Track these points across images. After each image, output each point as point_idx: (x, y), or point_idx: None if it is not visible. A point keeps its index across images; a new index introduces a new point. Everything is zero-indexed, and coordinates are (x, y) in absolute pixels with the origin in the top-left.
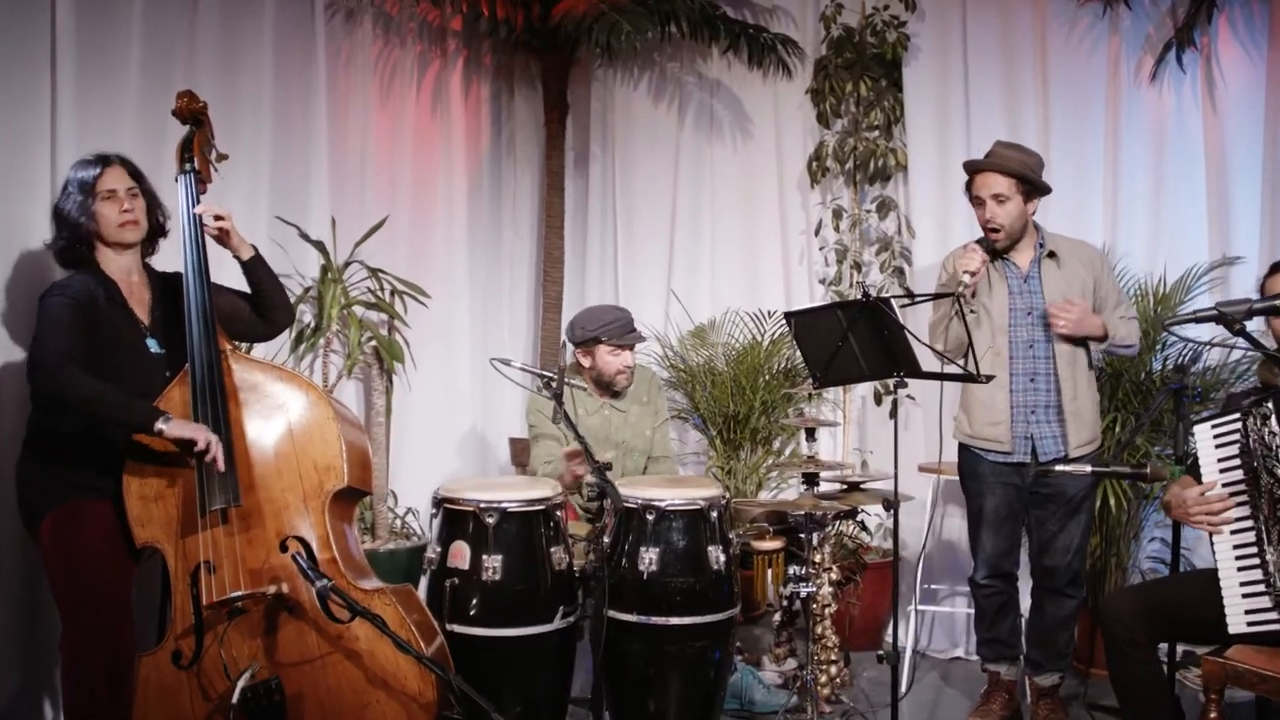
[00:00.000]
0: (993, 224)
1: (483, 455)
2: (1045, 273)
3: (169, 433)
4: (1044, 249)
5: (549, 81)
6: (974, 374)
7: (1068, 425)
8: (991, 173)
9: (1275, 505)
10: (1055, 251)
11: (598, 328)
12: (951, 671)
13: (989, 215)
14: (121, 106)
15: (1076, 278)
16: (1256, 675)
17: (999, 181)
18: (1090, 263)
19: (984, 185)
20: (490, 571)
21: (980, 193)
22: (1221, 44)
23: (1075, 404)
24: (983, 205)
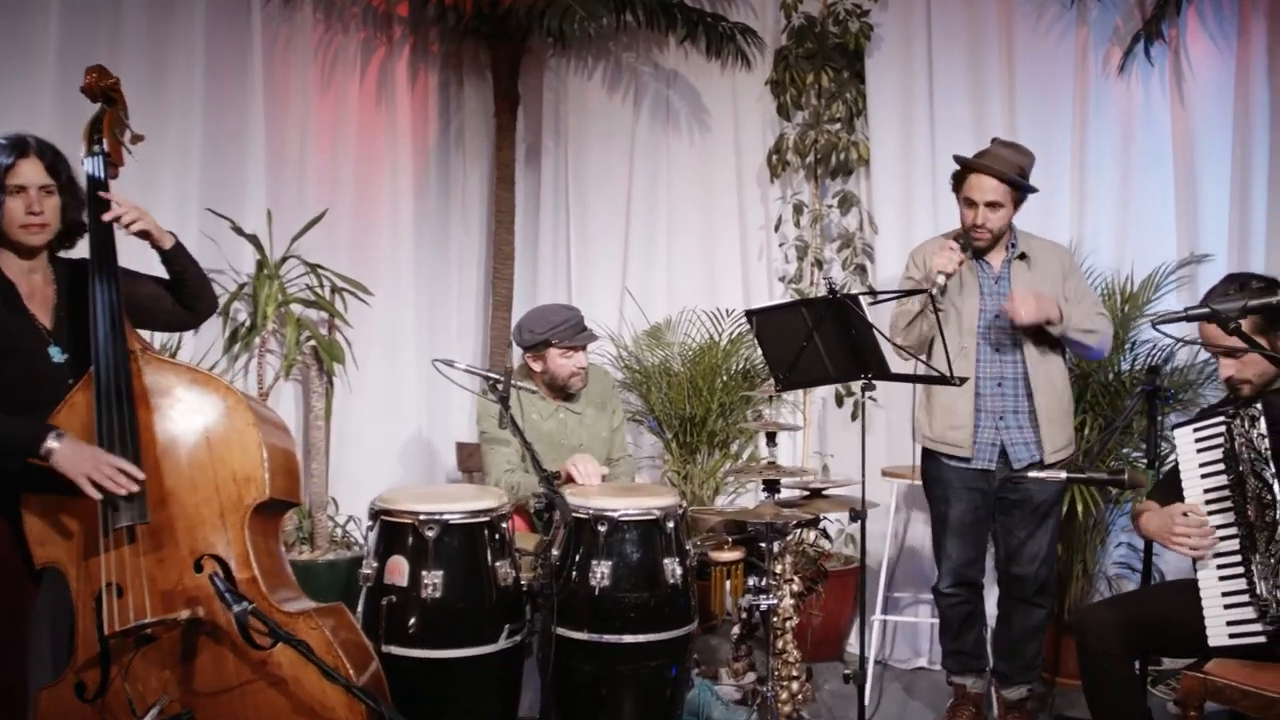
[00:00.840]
0: (984, 229)
1: (429, 460)
2: (1015, 274)
3: (58, 463)
4: (1015, 249)
5: (500, 71)
6: (946, 375)
7: (1042, 431)
8: (989, 177)
9: (1263, 511)
10: (1027, 253)
11: (547, 330)
12: (915, 682)
13: (980, 220)
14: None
15: (1046, 280)
16: (1238, 691)
17: (995, 187)
18: (1060, 264)
19: (979, 188)
20: (430, 588)
21: (974, 195)
22: (1190, 36)
23: (1050, 409)
24: (974, 208)
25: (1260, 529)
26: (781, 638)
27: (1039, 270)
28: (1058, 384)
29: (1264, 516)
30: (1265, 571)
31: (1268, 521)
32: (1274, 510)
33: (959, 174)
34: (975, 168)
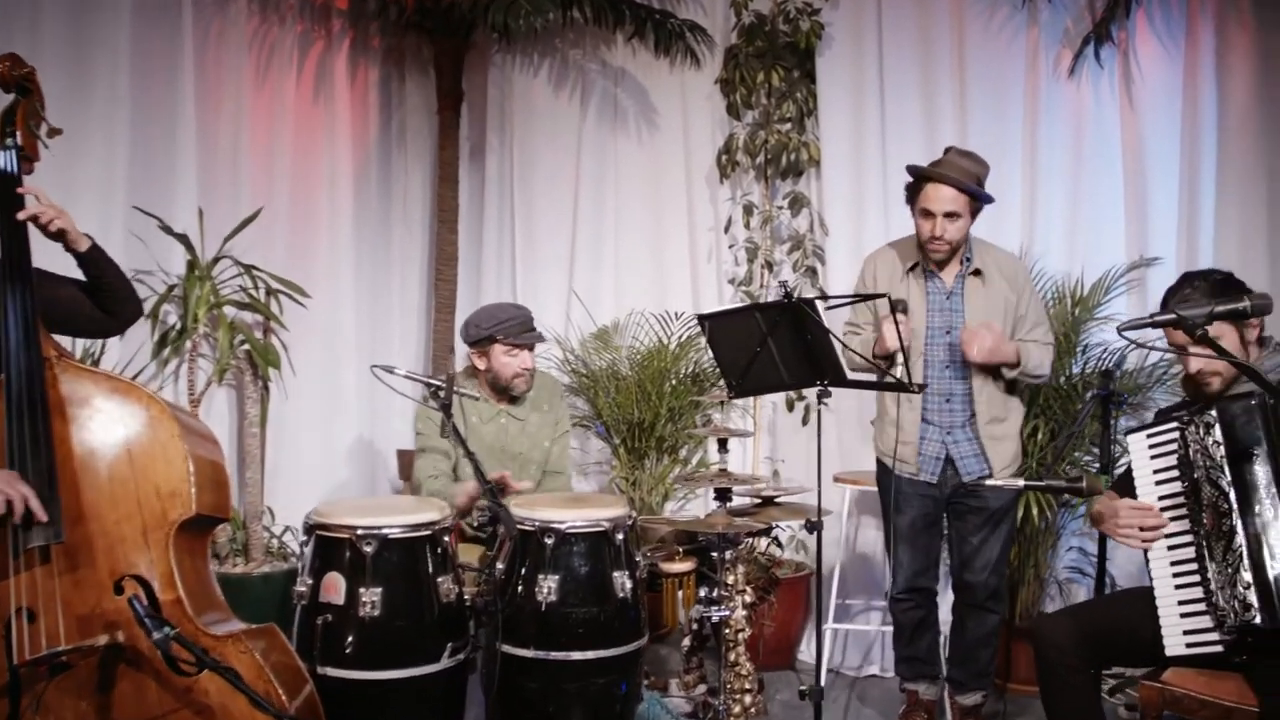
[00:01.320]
0: (942, 240)
1: (370, 468)
2: (969, 291)
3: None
4: (969, 264)
5: (443, 67)
6: (905, 383)
7: (987, 447)
8: (946, 186)
9: (1220, 519)
10: (981, 269)
11: (493, 326)
12: (866, 690)
13: (939, 232)
14: None
15: (1000, 296)
16: (1196, 701)
17: (954, 197)
18: (1014, 280)
19: (937, 199)
20: (369, 606)
21: (932, 206)
22: (1139, 39)
23: (994, 426)
24: (932, 219)
25: (1217, 538)
26: (734, 649)
27: (993, 287)
28: (1001, 402)
29: (1220, 525)
30: (1222, 580)
31: (1224, 530)
32: (1230, 518)
33: (914, 185)
34: (932, 177)
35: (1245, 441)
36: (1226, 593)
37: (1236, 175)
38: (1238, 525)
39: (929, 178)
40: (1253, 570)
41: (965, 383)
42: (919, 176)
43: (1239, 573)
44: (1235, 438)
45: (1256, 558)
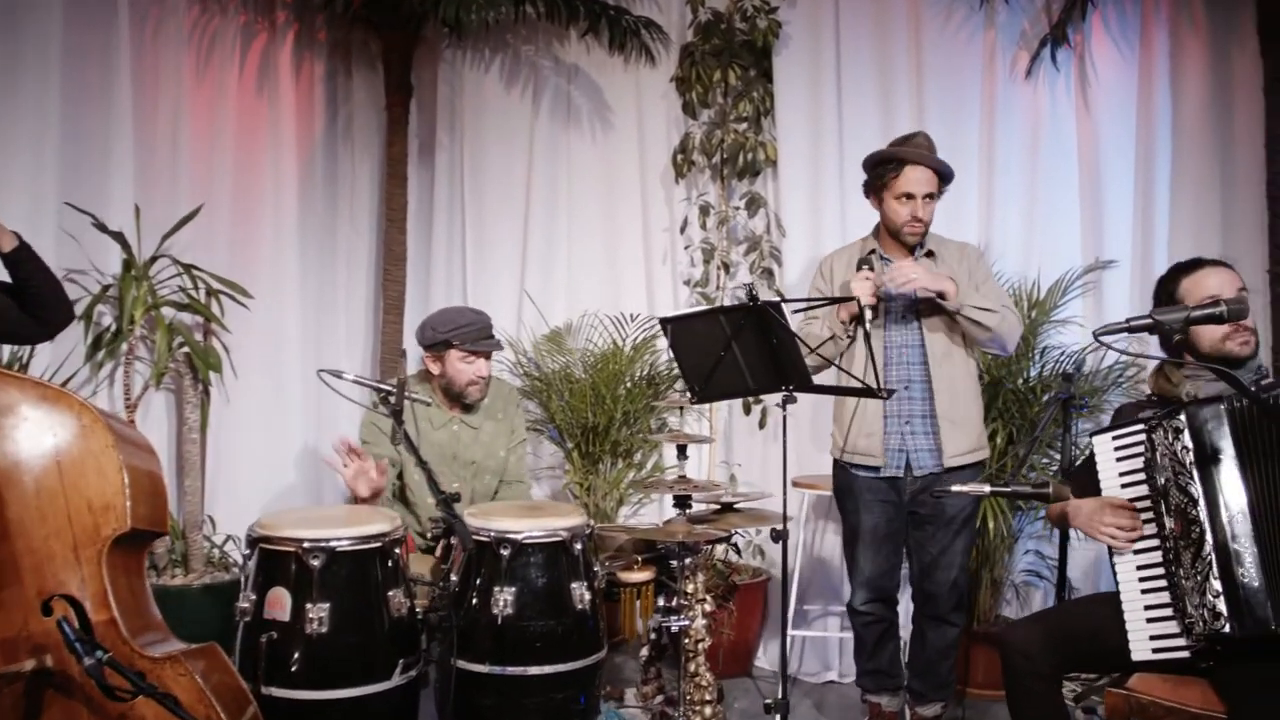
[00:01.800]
0: (922, 222)
1: (316, 475)
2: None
3: None
4: (923, 248)
5: (391, 61)
6: (874, 389)
7: (942, 434)
8: (925, 168)
9: (1189, 525)
10: (934, 251)
11: (450, 330)
12: (825, 697)
13: (921, 214)
14: None
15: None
16: (1162, 708)
17: (931, 178)
18: (965, 259)
19: (919, 180)
20: (316, 623)
21: (914, 189)
22: (1095, 42)
23: (950, 410)
24: (913, 200)
25: (1185, 544)
26: (694, 660)
27: (944, 269)
28: (960, 386)
29: (1189, 532)
30: (1191, 587)
31: (1193, 537)
32: (1199, 525)
33: (884, 169)
34: (915, 159)
35: (1214, 447)
36: (1195, 600)
37: (1190, 178)
38: (1207, 532)
39: (910, 160)
40: (1222, 578)
41: (924, 368)
42: (898, 160)
43: (1208, 580)
44: (1204, 443)
45: (1226, 566)
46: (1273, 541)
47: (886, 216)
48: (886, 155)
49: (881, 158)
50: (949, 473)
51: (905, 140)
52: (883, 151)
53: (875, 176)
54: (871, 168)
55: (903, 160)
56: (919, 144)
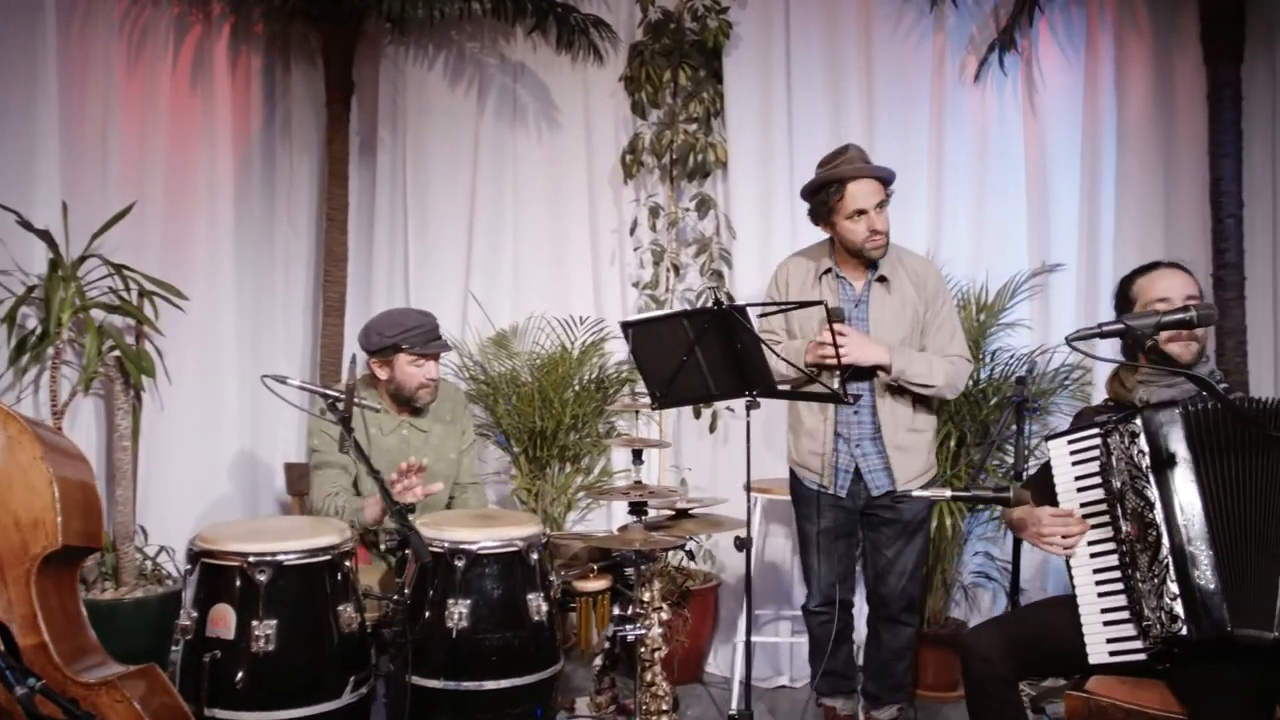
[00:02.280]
0: (882, 234)
1: (253, 484)
2: (874, 297)
3: None
4: (876, 270)
5: (332, 57)
6: (839, 394)
7: (892, 460)
8: (873, 180)
9: (1145, 529)
10: (887, 276)
11: (398, 334)
12: (778, 702)
13: (878, 225)
14: None
15: (906, 303)
16: (1121, 710)
17: (878, 188)
18: (924, 287)
19: (866, 194)
20: (262, 640)
21: (864, 204)
22: (1042, 47)
23: (901, 437)
24: (865, 215)
25: (1142, 547)
26: (650, 669)
27: (898, 295)
28: (908, 414)
29: (1146, 535)
30: (1148, 590)
31: (1150, 540)
32: (1156, 529)
33: (827, 193)
34: (853, 175)
35: (1170, 451)
36: (1152, 602)
37: (1134, 183)
38: (1163, 536)
39: (849, 177)
40: (1179, 581)
41: (871, 394)
42: (837, 180)
43: (1165, 583)
44: (1160, 447)
45: (1183, 569)
46: (1228, 544)
47: (844, 239)
48: (825, 180)
49: (820, 183)
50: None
51: (836, 157)
52: (818, 177)
53: (819, 204)
54: (813, 195)
55: (843, 179)
56: (852, 158)
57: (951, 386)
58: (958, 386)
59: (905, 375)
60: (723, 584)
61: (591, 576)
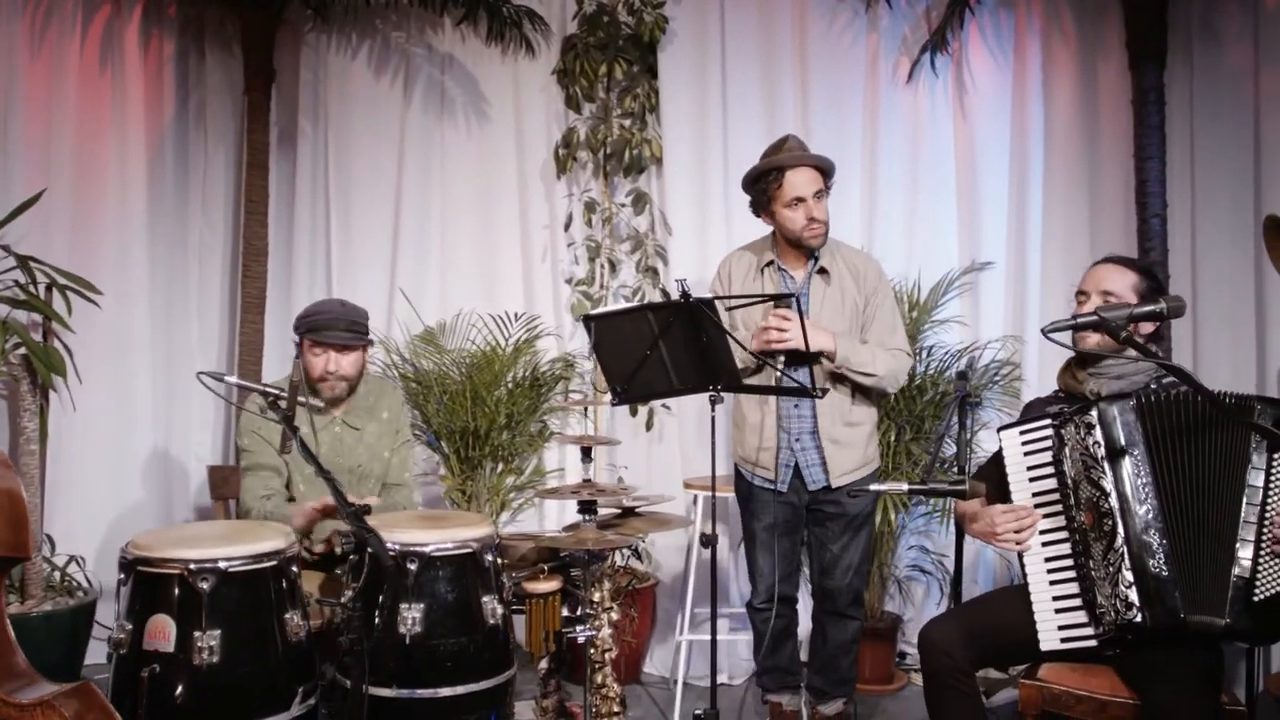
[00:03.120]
0: (820, 222)
1: (166, 488)
2: (814, 290)
3: None
4: (816, 263)
5: (251, 43)
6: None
7: (826, 452)
8: (809, 168)
9: (1101, 519)
10: (827, 269)
11: (301, 320)
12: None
13: (817, 214)
14: None
15: (846, 296)
16: (1073, 696)
17: (816, 176)
18: (863, 281)
19: (805, 182)
20: (206, 652)
21: (802, 191)
22: (972, 50)
23: (833, 430)
24: (804, 203)
25: (1096, 537)
26: (600, 670)
27: (837, 287)
28: (842, 406)
29: (1102, 525)
30: (1103, 578)
31: (1105, 530)
32: (1111, 518)
33: (766, 181)
34: (791, 163)
35: (1125, 443)
36: (1107, 590)
37: (1061, 184)
38: (1119, 525)
39: (788, 165)
40: (1134, 570)
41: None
42: (776, 168)
43: (1121, 572)
44: (1115, 439)
45: (1138, 558)
46: (1180, 532)
47: (784, 228)
48: (763, 168)
49: (759, 172)
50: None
51: (776, 149)
52: (758, 166)
53: (759, 193)
54: (752, 184)
55: (781, 167)
56: (791, 147)
57: (893, 378)
58: (899, 379)
59: (849, 363)
60: (659, 583)
61: (541, 578)
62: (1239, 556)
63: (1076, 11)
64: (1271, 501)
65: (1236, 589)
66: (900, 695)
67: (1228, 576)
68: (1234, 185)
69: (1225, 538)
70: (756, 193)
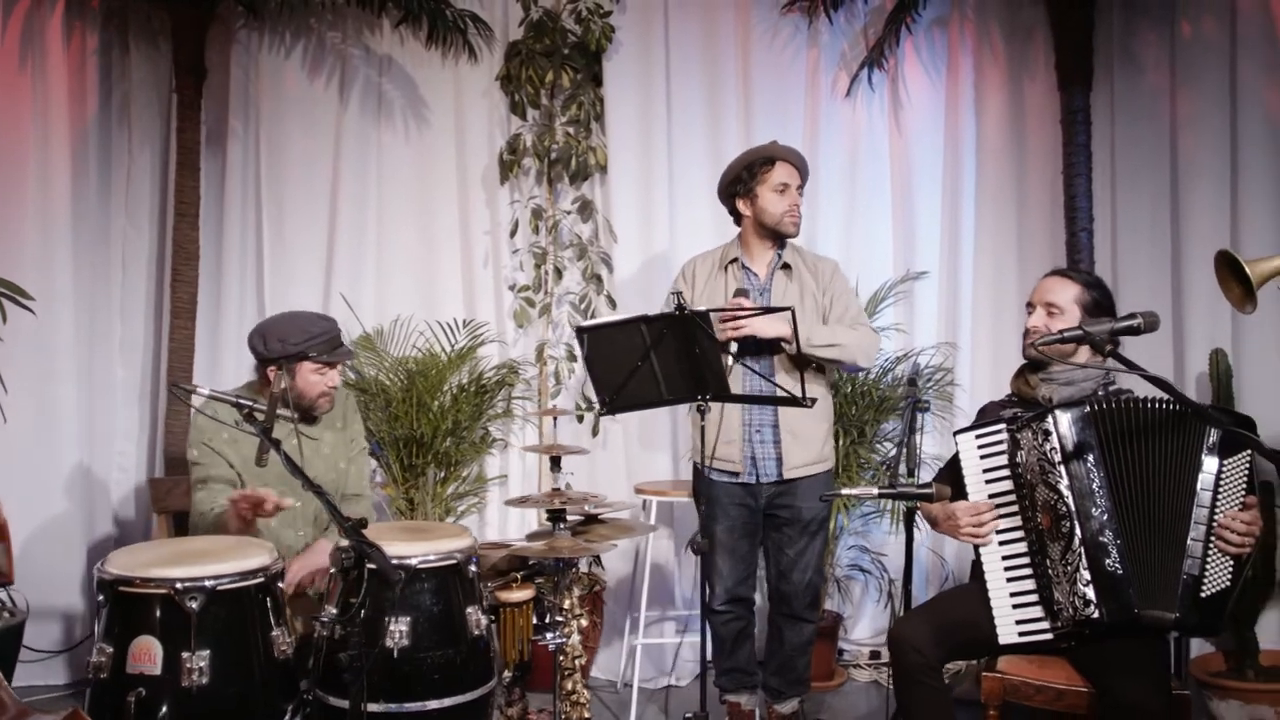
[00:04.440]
0: (798, 210)
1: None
2: (776, 285)
3: None
4: (780, 259)
5: (182, 39)
6: (798, 398)
7: (784, 446)
8: (795, 167)
9: (1058, 521)
10: (790, 263)
11: (303, 341)
12: (669, 703)
13: (799, 201)
14: None
15: (807, 292)
16: (1032, 687)
17: (799, 175)
18: (821, 276)
19: (792, 174)
20: (196, 673)
21: (789, 179)
22: (908, 68)
23: (791, 423)
24: (789, 190)
25: (1053, 537)
26: (570, 677)
27: (798, 283)
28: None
29: (1059, 527)
30: (1060, 577)
31: (1063, 531)
32: (1069, 520)
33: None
34: (783, 155)
35: (1081, 448)
36: (1065, 588)
37: (991, 197)
38: (1076, 527)
39: (780, 156)
40: (1091, 569)
41: (772, 377)
42: (769, 156)
43: (1079, 571)
44: (1071, 444)
45: (1095, 557)
46: (1134, 533)
47: (766, 211)
48: (757, 154)
49: (751, 159)
50: (790, 483)
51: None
52: (752, 152)
53: (748, 176)
54: (744, 168)
55: (772, 157)
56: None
57: (861, 349)
58: (869, 352)
59: (811, 341)
60: (606, 588)
61: (514, 587)
62: (1189, 555)
63: (1006, 33)
64: (1220, 504)
65: (1186, 585)
66: (841, 691)
67: (1178, 574)
68: (1153, 202)
69: (1176, 537)
70: (746, 175)
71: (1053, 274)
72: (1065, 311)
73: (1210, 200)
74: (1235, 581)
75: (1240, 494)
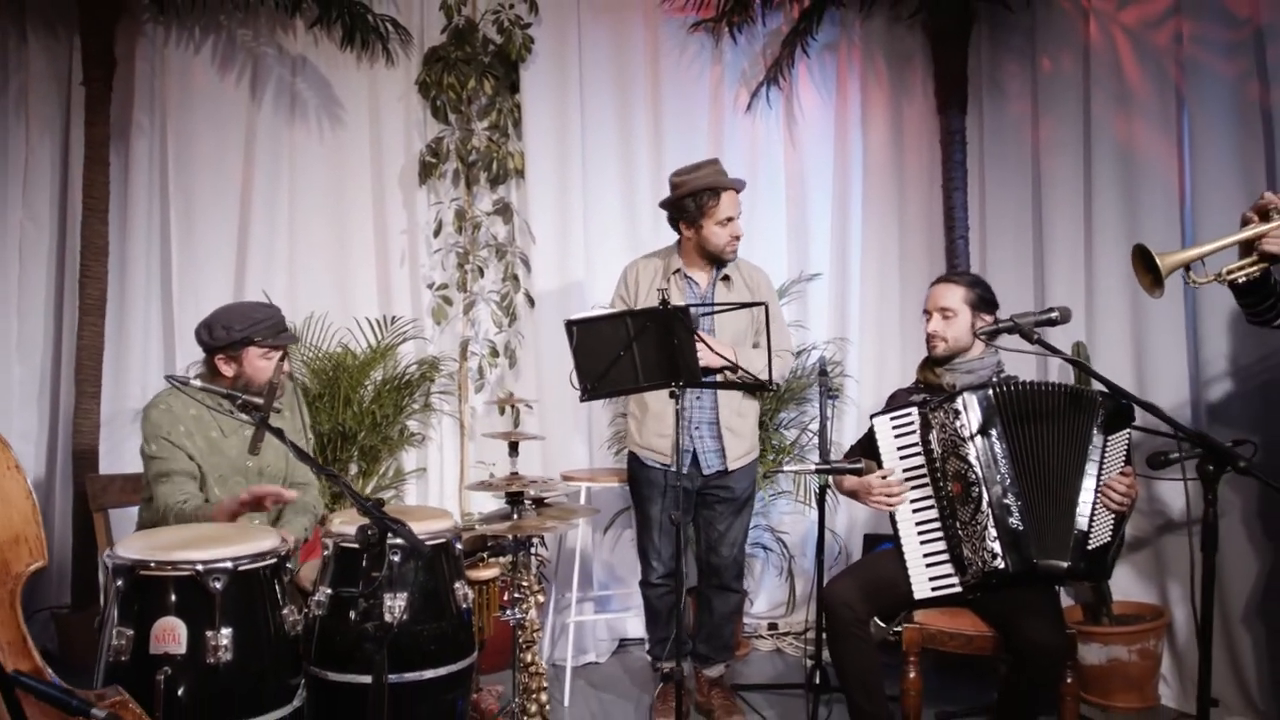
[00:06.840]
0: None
1: None
2: (718, 295)
3: None
4: (720, 271)
5: (90, 30)
6: (764, 383)
7: (725, 441)
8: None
9: (968, 487)
10: (730, 276)
11: (247, 327)
12: (594, 678)
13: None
14: None
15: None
16: (947, 635)
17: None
18: (756, 290)
19: (735, 204)
20: (221, 650)
21: (733, 212)
22: (802, 86)
23: (734, 421)
24: (731, 222)
25: (963, 502)
26: (529, 649)
27: (736, 296)
28: (740, 402)
29: (969, 493)
30: (969, 536)
31: (972, 497)
32: (978, 487)
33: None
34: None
35: (986, 424)
36: (973, 545)
37: (876, 207)
38: (984, 492)
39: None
40: (997, 527)
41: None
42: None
43: (986, 528)
44: (977, 421)
45: (1000, 517)
46: (1032, 496)
47: (709, 241)
48: (702, 185)
49: (699, 188)
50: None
51: (702, 167)
52: (699, 181)
53: (694, 207)
54: (690, 197)
55: (718, 188)
56: (720, 170)
57: (781, 376)
58: (785, 376)
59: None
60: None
61: (481, 565)
62: (1078, 514)
63: (889, 60)
64: (1105, 470)
65: (1076, 539)
66: (748, 660)
67: (1070, 529)
68: (1016, 216)
69: (1068, 499)
70: (693, 205)
71: (940, 281)
72: (958, 313)
73: (1067, 212)
74: (1115, 534)
75: (1120, 463)
